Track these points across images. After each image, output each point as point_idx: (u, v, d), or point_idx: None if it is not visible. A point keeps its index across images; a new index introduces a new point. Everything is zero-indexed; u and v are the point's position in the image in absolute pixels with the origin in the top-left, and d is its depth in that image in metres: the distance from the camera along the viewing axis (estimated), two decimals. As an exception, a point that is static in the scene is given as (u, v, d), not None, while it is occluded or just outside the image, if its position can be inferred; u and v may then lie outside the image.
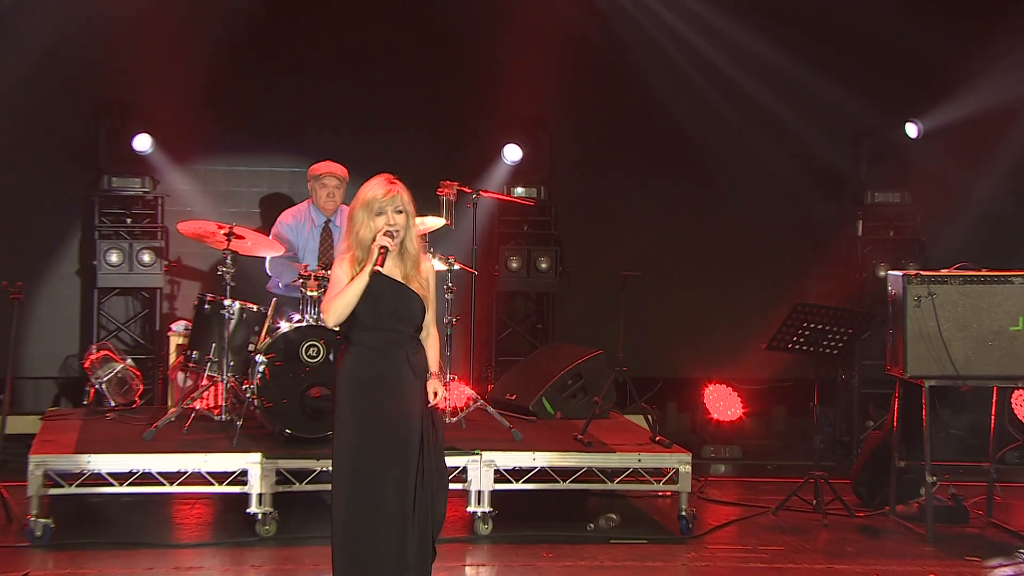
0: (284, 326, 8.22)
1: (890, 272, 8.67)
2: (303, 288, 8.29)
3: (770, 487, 9.39)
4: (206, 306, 8.69)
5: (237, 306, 8.50)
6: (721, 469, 10.55)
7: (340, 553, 5.70)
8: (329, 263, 8.37)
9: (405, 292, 5.77)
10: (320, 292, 8.10)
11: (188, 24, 10.33)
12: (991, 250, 10.44)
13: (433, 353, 5.92)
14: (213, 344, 8.55)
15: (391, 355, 5.74)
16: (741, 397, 11.04)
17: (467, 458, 7.85)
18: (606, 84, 11.18)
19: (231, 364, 8.41)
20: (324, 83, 10.86)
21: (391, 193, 5.75)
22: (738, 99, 11.17)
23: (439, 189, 8.64)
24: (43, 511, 7.55)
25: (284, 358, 8.12)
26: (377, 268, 5.69)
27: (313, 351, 8.12)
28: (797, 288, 10.86)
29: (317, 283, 8.21)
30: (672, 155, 11.30)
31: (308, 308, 8.25)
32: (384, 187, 5.77)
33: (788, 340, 8.71)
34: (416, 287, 5.80)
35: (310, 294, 8.23)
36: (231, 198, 10.90)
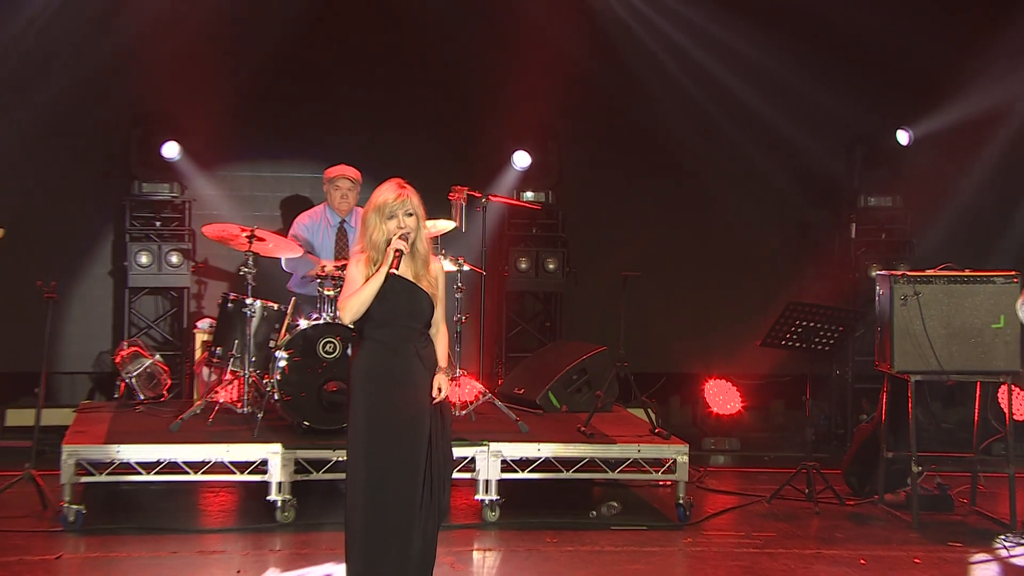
0: (303, 323, 8.29)
1: (878, 272, 8.76)
2: (321, 287, 8.39)
3: (766, 477, 9.49)
4: (229, 305, 8.77)
5: (259, 305, 8.61)
6: (720, 460, 10.64)
7: (353, 537, 5.82)
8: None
9: (415, 291, 5.91)
10: (336, 292, 8.20)
11: (215, 40, 10.47)
12: (979, 251, 10.64)
13: (442, 348, 6.05)
14: (236, 341, 8.63)
15: (402, 350, 5.86)
16: (740, 392, 11.14)
17: (476, 449, 7.96)
18: (610, 93, 11.24)
19: (253, 359, 8.54)
20: (343, 92, 10.98)
21: (401, 197, 5.88)
22: (736, 108, 11.24)
23: (450, 194, 8.73)
24: (76, 498, 7.68)
25: (302, 354, 8.22)
26: (393, 270, 5.84)
27: (330, 347, 8.22)
28: (793, 288, 10.90)
29: (333, 283, 8.32)
30: (673, 161, 11.38)
31: (325, 306, 8.35)
32: (395, 192, 5.90)
33: (781, 337, 8.84)
34: (426, 285, 5.93)
35: (327, 293, 8.34)
36: (255, 202, 11.05)
